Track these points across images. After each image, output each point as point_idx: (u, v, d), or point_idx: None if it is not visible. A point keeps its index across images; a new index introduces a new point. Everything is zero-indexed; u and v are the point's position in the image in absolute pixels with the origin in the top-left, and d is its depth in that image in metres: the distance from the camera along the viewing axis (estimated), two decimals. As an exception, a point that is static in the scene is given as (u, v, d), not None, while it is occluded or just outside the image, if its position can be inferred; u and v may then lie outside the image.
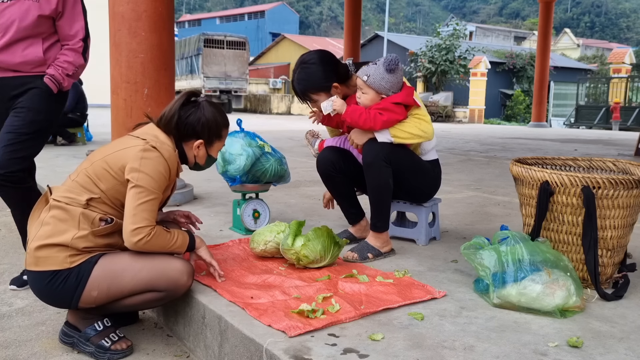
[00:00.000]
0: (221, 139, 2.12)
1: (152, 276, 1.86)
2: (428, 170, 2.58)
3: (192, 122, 2.02)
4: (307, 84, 2.49)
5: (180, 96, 2.05)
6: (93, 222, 1.87)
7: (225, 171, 2.77)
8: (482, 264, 1.92)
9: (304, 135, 2.77)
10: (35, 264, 1.84)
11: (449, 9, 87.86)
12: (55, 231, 1.84)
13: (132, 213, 1.83)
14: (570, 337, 1.64)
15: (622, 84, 20.17)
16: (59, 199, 1.89)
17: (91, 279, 1.83)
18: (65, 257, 1.82)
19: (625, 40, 64.88)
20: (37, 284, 1.86)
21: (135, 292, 1.88)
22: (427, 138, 2.43)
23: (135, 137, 1.98)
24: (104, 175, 1.89)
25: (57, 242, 1.82)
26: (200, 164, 2.13)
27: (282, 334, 1.61)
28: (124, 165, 1.88)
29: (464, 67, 24.14)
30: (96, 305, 1.89)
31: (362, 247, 2.42)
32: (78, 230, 1.84)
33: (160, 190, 1.90)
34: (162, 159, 1.91)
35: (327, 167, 2.61)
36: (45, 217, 1.88)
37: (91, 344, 1.90)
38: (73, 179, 1.94)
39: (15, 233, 3.61)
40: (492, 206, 3.80)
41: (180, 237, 1.97)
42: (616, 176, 1.95)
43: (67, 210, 1.86)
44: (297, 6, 73.98)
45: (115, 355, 1.90)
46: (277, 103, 28.16)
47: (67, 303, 1.87)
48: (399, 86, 2.41)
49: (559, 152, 8.48)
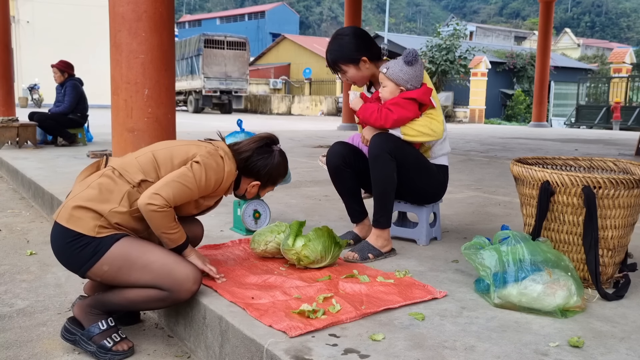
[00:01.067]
0: (275, 185, 2.30)
1: (161, 272, 1.88)
2: (433, 172, 2.58)
3: (260, 165, 2.17)
4: (338, 54, 2.54)
5: (261, 139, 2.21)
6: (133, 204, 1.91)
7: None
8: (482, 264, 1.92)
9: (319, 159, 2.78)
10: (67, 220, 1.88)
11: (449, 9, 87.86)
12: (98, 198, 1.89)
13: (164, 182, 1.91)
14: (571, 337, 1.64)
15: (623, 83, 20.16)
16: (116, 168, 1.96)
17: (107, 254, 1.86)
18: (95, 226, 1.87)
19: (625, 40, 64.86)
20: (59, 239, 1.91)
21: (140, 283, 1.89)
22: (436, 137, 2.47)
23: (204, 142, 2.11)
24: (165, 163, 1.98)
25: (94, 209, 1.87)
26: (246, 198, 2.29)
27: (283, 334, 1.61)
28: (187, 159, 1.99)
29: (464, 67, 24.14)
30: (101, 280, 1.92)
31: (362, 247, 2.42)
32: (118, 205, 1.90)
33: (201, 189, 1.99)
34: (221, 169, 2.04)
35: (338, 159, 2.62)
36: (93, 181, 1.94)
37: (93, 343, 1.90)
38: (136, 157, 2.01)
39: (16, 234, 3.62)
40: (492, 206, 3.80)
41: (179, 234, 1.99)
42: (617, 176, 1.95)
43: (116, 183, 1.93)
44: (297, 6, 73.97)
45: (117, 356, 1.89)
46: (277, 103, 28.17)
47: (78, 268, 1.91)
48: (418, 80, 2.45)
49: (559, 152, 8.48)
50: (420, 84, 2.46)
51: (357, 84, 2.63)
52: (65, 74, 7.44)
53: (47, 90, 23.03)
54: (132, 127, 3.34)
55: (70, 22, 26.49)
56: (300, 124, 16.26)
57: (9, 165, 5.82)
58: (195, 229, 2.27)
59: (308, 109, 27.70)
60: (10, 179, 5.80)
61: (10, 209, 4.40)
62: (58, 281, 2.70)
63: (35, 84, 24.50)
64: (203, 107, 24.47)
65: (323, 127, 14.94)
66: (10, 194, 5.18)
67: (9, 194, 5.19)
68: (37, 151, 6.94)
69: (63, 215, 1.90)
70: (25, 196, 4.93)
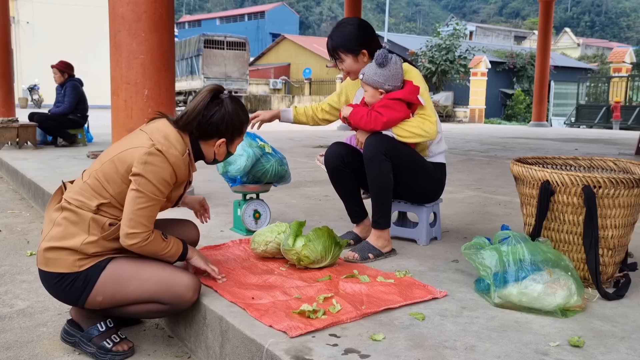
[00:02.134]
0: (241, 134, 2.10)
1: (158, 288, 1.86)
2: (430, 171, 2.57)
3: (215, 121, 1.98)
4: (339, 41, 2.57)
5: (204, 95, 1.99)
6: (103, 227, 1.86)
7: (225, 172, 2.76)
8: (483, 263, 1.92)
9: (316, 159, 2.77)
10: (45, 264, 1.85)
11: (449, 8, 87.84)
12: (66, 234, 1.84)
13: (129, 217, 1.82)
14: (572, 336, 1.63)
15: (623, 83, 20.15)
16: (70, 200, 1.88)
17: (98, 284, 1.84)
18: (74, 261, 1.83)
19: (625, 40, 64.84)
20: (46, 283, 1.90)
21: (139, 302, 1.88)
22: (429, 138, 2.45)
23: (144, 132, 1.94)
24: (112, 178, 1.87)
25: (66, 246, 1.83)
26: (219, 160, 2.11)
27: (283, 335, 1.61)
28: (130, 166, 1.85)
29: (464, 67, 24.11)
30: (100, 308, 1.89)
31: (363, 247, 2.42)
32: (88, 235, 1.84)
33: (162, 195, 1.88)
34: (166, 165, 1.86)
35: (336, 160, 2.61)
36: (57, 218, 1.88)
37: (93, 344, 1.90)
38: (85, 181, 1.91)
39: (16, 234, 3.61)
40: (492, 206, 3.80)
41: (175, 247, 1.95)
42: (617, 175, 1.95)
43: (77, 214, 1.86)
44: (297, 6, 73.97)
45: (117, 357, 1.89)
46: (277, 103, 28.16)
47: (74, 303, 1.89)
48: (397, 79, 2.45)
49: (559, 152, 8.48)
50: (400, 82, 2.46)
51: (351, 76, 2.65)
52: (66, 75, 7.44)
53: (47, 90, 23.03)
54: (132, 128, 3.32)
55: (70, 23, 26.48)
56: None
57: (9, 165, 5.82)
58: (189, 233, 2.25)
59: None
60: (10, 179, 5.80)
61: (10, 210, 4.40)
62: (58, 282, 2.70)
63: (35, 85, 24.49)
64: (203, 108, 24.46)
65: (323, 127, 14.92)
66: (10, 194, 5.18)
67: (9, 194, 5.19)
68: (37, 152, 6.94)
69: (40, 260, 1.87)
70: (26, 197, 4.93)
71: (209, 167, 2.49)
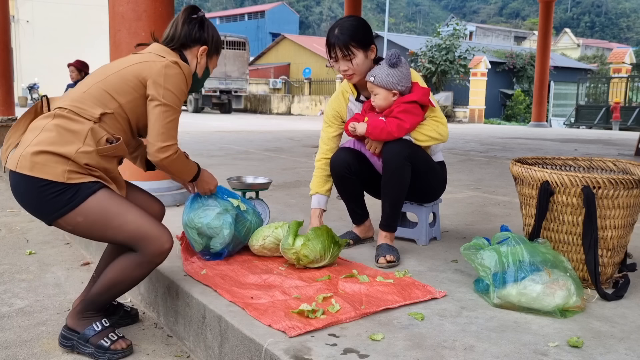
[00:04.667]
0: (218, 54, 2.19)
1: (135, 233, 1.83)
2: (437, 170, 2.60)
3: (198, 29, 2.08)
4: (351, 34, 2.39)
5: (183, 19, 2.08)
6: (99, 142, 1.83)
7: (207, 247, 2.32)
8: (482, 264, 1.92)
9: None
10: (30, 168, 1.75)
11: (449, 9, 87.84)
12: (59, 140, 1.77)
13: (160, 131, 1.89)
14: (571, 337, 1.64)
15: (622, 83, 20.15)
16: (67, 107, 1.83)
17: (84, 205, 1.78)
18: (63, 171, 1.76)
19: (625, 40, 64.86)
20: (23, 187, 1.79)
21: (110, 240, 1.89)
22: (442, 141, 2.47)
23: (147, 53, 1.99)
24: (122, 89, 1.88)
25: (59, 152, 1.76)
26: (199, 76, 2.13)
27: (282, 334, 1.61)
28: (144, 78, 1.89)
29: (464, 67, 24.12)
30: (70, 231, 1.85)
31: (389, 249, 2.39)
32: (83, 145, 1.80)
33: (181, 106, 1.96)
34: (183, 76, 1.95)
35: (343, 168, 2.54)
36: (47, 124, 1.80)
37: (90, 344, 1.89)
38: (84, 91, 1.87)
39: (15, 233, 3.61)
40: (492, 206, 3.80)
41: (193, 164, 2.09)
42: (616, 176, 1.95)
43: (75, 121, 1.81)
44: (297, 6, 73.95)
45: (115, 355, 1.89)
46: (277, 103, 28.16)
47: (47, 215, 1.82)
48: (408, 80, 2.43)
49: (559, 152, 8.48)
50: (410, 83, 2.45)
51: (354, 77, 2.47)
52: (82, 73, 7.59)
53: (46, 89, 23.01)
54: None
55: (70, 22, 26.49)
56: (300, 124, 16.24)
57: (9, 164, 5.81)
58: (153, 206, 2.15)
59: (308, 109, 27.68)
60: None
61: (9, 208, 4.40)
62: (57, 281, 2.70)
63: (34, 84, 24.46)
64: (203, 107, 24.47)
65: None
66: (10, 193, 5.17)
67: (9, 193, 5.18)
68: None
69: (24, 164, 1.75)
70: (25, 196, 4.92)
71: (208, 167, 2.49)
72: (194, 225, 2.26)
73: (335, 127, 2.68)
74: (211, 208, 2.28)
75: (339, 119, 2.67)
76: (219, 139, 9.49)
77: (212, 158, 6.43)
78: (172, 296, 2.13)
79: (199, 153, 6.98)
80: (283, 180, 4.77)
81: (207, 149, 7.68)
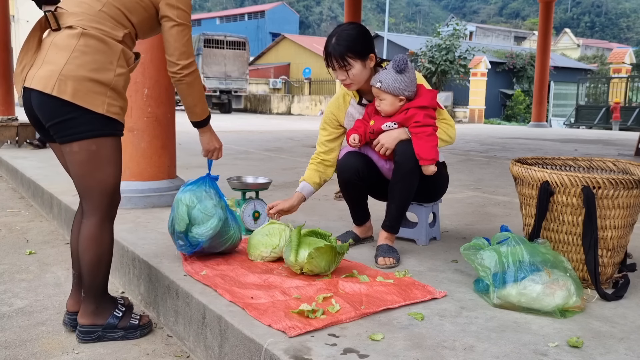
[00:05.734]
0: None
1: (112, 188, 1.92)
2: (442, 170, 2.61)
3: None
4: (347, 45, 2.36)
5: None
6: (128, 61, 1.87)
7: (185, 232, 2.22)
8: (482, 264, 1.92)
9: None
10: (71, 95, 1.73)
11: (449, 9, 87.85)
12: (97, 66, 1.77)
13: (181, 50, 1.95)
14: (571, 337, 1.64)
15: (622, 84, 20.16)
16: (90, 27, 1.78)
17: (105, 139, 1.84)
18: (103, 102, 1.78)
19: (625, 40, 64.86)
20: (50, 108, 1.77)
21: (92, 181, 1.88)
22: (451, 143, 2.51)
23: None
24: (134, 7, 1.89)
25: (100, 80, 1.77)
26: None
27: (282, 334, 1.61)
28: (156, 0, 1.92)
29: (464, 67, 24.13)
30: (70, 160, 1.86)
31: (389, 250, 2.39)
32: (117, 67, 1.82)
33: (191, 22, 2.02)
34: None
35: (352, 174, 2.52)
36: (76, 45, 1.75)
37: (119, 329, 1.99)
38: (99, 9, 1.82)
39: (15, 233, 3.61)
40: (492, 206, 3.80)
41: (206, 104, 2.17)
42: (616, 176, 1.95)
43: (107, 44, 1.80)
44: (297, 6, 73.92)
45: (145, 330, 2.07)
46: (277, 103, 28.17)
47: (69, 135, 1.80)
48: (415, 85, 2.43)
49: (559, 152, 8.48)
50: (416, 87, 2.44)
51: (353, 86, 2.46)
52: None
53: (46, 89, 22.99)
54: (131, 127, 3.33)
55: (70, 22, 26.42)
56: (300, 124, 16.24)
57: (9, 164, 5.82)
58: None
59: (308, 109, 27.69)
60: (9, 178, 5.80)
61: (9, 208, 4.40)
62: (57, 280, 2.70)
63: (34, 84, 24.44)
64: (203, 107, 24.46)
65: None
66: (10, 193, 5.18)
67: (9, 193, 5.18)
68: (36, 150, 6.94)
69: (64, 89, 1.72)
70: (25, 195, 4.92)
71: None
72: (188, 202, 2.21)
73: (329, 131, 2.68)
74: (211, 198, 2.27)
75: (335, 122, 2.66)
76: (219, 139, 9.47)
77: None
78: (172, 296, 2.13)
79: (199, 153, 6.96)
80: (283, 180, 4.77)
81: (207, 148, 7.66)
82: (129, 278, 2.55)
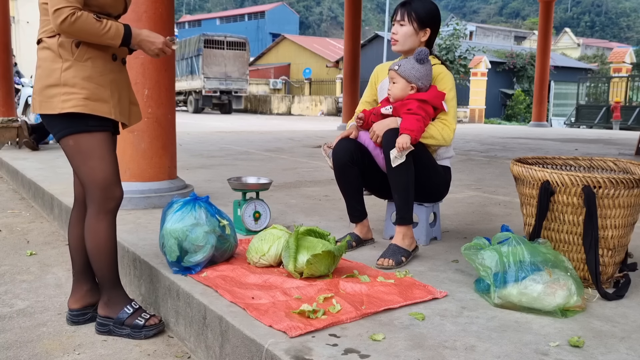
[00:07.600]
0: None
1: (104, 181, 1.98)
2: (439, 172, 2.60)
3: None
4: (419, 8, 2.56)
5: None
6: (72, 50, 1.90)
7: (178, 260, 2.18)
8: (483, 264, 1.92)
9: (322, 148, 2.72)
10: (39, 108, 1.93)
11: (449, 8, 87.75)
12: (47, 72, 1.90)
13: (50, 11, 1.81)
14: (572, 336, 1.64)
15: (623, 83, 20.15)
16: (41, 39, 1.93)
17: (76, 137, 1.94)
18: (58, 99, 1.88)
19: (625, 40, 64.84)
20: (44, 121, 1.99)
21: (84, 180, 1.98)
22: (444, 144, 2.52)
23: None
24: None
25: (50, 83, 1.90)
26: None
27: (283, 335, 1.61)
28: None
29: (464, 67, 24.13)
30: (69, 152, 1.98)
31: (394, 251, 2.37)
32: (63, 63, 1.89)
33: None
34: None
35: (345, 155, 2.54)
36: (37, 61, 1.95)
37: (126, 326, 2.05)
38: (40, 15, 1.95)
39: (16, 234, 3.62)
40: (492, 206, 3.80)
41: (114, 27, 1.89)
42: (617, 176, 1.95)
43: (49, 47, 1.90)
44: (297, 6, 73.93)
45: (151, 331, 2.06)
46: (277, 103, 28.17)
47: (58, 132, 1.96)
48: (428, 79, 2.49)
49: (559, 152, 8.48)
50: (429, 83, 2.50)
51: (397, 45, 2.59)
52: None
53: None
54: (132, 128, 3.32)
55: (70, 23, 26.43)
56: (300, 124, 16.25)
57: (9, 165, 5.82)
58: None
59: (308, 109, 27.70)
60: (10, 179, 5.80)
61: (10, 210, 4.40)
62: (58, 281, 2.70)
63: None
64: (203, 107, 24.48)
65: (323, 127, 14.93)
66: (10, 194, 5.18)
67: (9, 194, 5.19)
68: (36, 152, 6.94)
69: (36, 106, 1.94)
70: (25, 197, 4.93)
71: (208, 167, 2.48)
72: (178, 236, 2.14)
73: (373, 89, 2.80)
74: (200, 225, 2.18)
75: (373, 85, 2.80)
76: (219, 140, 9.50)
77: (212, 158, 6.43)
78: (172, 297, 2.13)
79: (199, 153, 6.98)
80: (283, 180, 4.77)
81: (207, 149, 7.68)
82: (130, 279, 2.56)
